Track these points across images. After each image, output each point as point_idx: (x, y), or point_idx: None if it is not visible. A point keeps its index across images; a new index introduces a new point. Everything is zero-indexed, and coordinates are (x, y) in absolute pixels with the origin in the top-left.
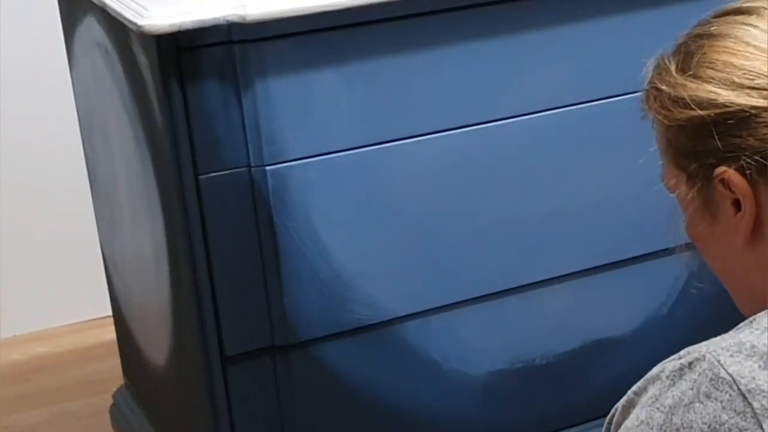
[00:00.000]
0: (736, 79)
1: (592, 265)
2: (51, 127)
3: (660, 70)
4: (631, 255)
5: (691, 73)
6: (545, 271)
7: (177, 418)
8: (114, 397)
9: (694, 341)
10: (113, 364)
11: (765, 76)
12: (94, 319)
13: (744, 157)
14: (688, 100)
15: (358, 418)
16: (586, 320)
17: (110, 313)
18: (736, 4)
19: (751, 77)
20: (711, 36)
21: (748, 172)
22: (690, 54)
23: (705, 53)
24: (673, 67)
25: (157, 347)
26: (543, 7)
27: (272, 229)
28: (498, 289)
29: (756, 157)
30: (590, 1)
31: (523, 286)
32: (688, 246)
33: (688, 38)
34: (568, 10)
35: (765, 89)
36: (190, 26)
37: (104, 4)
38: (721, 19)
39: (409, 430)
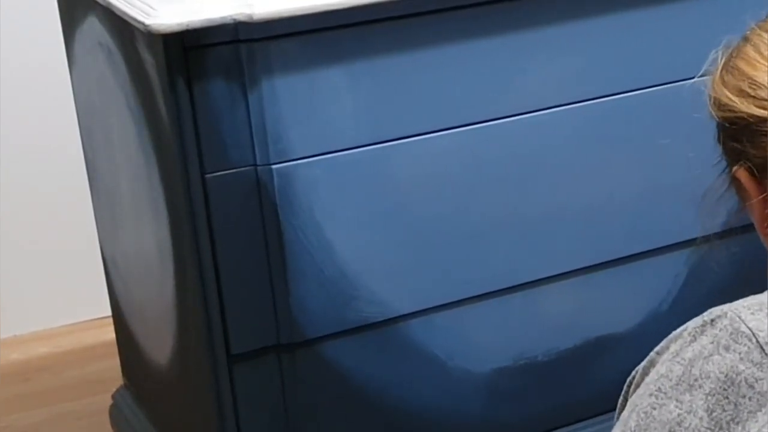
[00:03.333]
0: (743, 87)
1: (594, 263)
2: (51, 127)
3: (714, 65)
4: (632, 252)
5: (722, 75)
6: (548, 269)
7: (179, 418)
8: (114, 397)
9: None
10: (113, 364)
11: (765, 86)
12: (94, 319)
13: (743, 161)
14: (714, 101)
15: (363, 415)
16: (588, 317)
17: (110, 313)
18: None
19: (754, 86)
20: (743, 40)
21: (754, 173)
22: (730, 55)
23: (733, 57)
24: (720, 66)
25: (159, 347)
26: (546, 5)
27: (278, 228)
28: (501, 287)
29: (753, 163)
30: None
31: (526, 283)
32: (674, 247)
33: (742, 36)
34: (571, 7)
35: (764, 99)
36: (197, 25)
37: (109, 3)
38: (759, 23)
39: (414, 427)
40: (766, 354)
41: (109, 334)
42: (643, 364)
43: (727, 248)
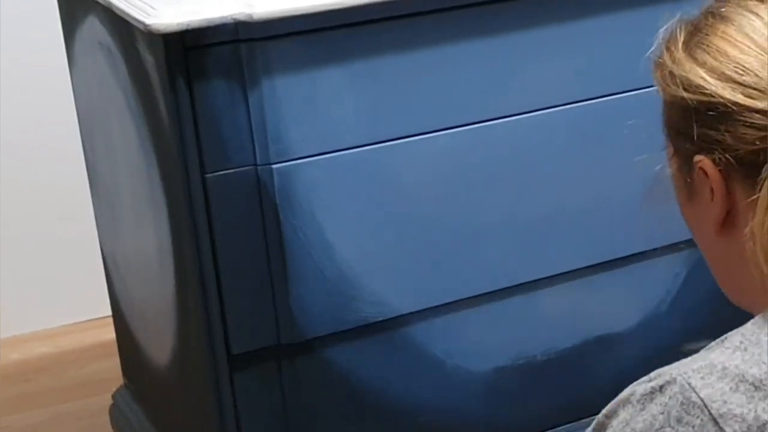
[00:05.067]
0: (726, 71)
1: (592, 263)
2: (51, 127)
3: (671, 38)
4: (630, 252)
5: (690, 51)
6: (547, 269)
7: (179, 418)
8: (114, 397)
9: (693, 338)
10: (113, 364)
11: (753, 73)
12: (94, 319)
13: (718, 151)
14: (680, 80)
15: (363, 415)
16: (587, 317)
17: (110, 313)
18: None
19: (740, 72)
20: (719, 17)
21: (722, 165)
22: (697, 30)
23: (707, 35)
24: (681, 40)
25: (160, 347)
26: (546, 5)
27: (278, 228)
28: (501, 287)
29: (729, 154)
30: None
31: (525, 283)
32: (673, 247)
33: (705, 11)
34: (570, 8)
35: (751, 87)
36: (197, 25)
37: (109, 3)
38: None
39: (414, 427)
40: (720, 428)
41: (110, 334)
42: (593, 426)
43: None
